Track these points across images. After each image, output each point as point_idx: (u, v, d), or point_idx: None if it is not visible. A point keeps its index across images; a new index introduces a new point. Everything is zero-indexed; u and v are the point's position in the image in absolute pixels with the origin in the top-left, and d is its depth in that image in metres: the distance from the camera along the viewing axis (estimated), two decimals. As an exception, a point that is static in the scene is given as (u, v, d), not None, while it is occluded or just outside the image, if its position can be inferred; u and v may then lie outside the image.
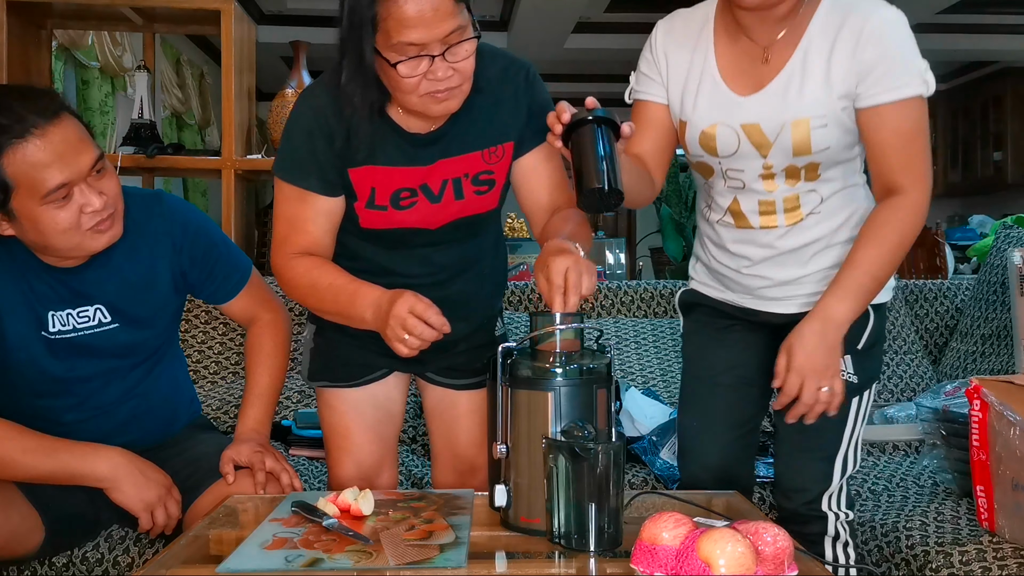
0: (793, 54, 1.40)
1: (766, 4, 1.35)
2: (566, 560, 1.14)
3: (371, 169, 1.44)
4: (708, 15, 1.50)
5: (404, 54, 1.29)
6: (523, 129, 1.48)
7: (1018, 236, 2.35)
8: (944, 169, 8.35)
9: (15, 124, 1.33)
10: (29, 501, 1.51)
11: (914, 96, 1.36)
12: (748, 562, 0.98)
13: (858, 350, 1.48)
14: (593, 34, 6.87)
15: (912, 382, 2.44)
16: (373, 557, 1.12)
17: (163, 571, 1.09)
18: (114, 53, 4.79)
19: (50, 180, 1.35)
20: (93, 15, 3.27)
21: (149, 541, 1.67)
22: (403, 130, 1.44)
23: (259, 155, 3.20)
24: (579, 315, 1.25)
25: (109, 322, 1.55)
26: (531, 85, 1.50)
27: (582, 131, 1.24)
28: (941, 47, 7.05)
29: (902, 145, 1.38)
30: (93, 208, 1.40)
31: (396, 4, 1.25)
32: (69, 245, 1.43)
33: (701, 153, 1.48)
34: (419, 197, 1.47)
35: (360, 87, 1.36)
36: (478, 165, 1.47)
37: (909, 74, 1.35)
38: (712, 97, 1.44)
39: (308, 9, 6.52)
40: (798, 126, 1.39)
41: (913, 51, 1.37)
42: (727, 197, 1.50)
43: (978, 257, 4.19)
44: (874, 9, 1.37)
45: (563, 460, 1.14)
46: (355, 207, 1.48)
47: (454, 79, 1.33)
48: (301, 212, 1.46)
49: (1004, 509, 1.41)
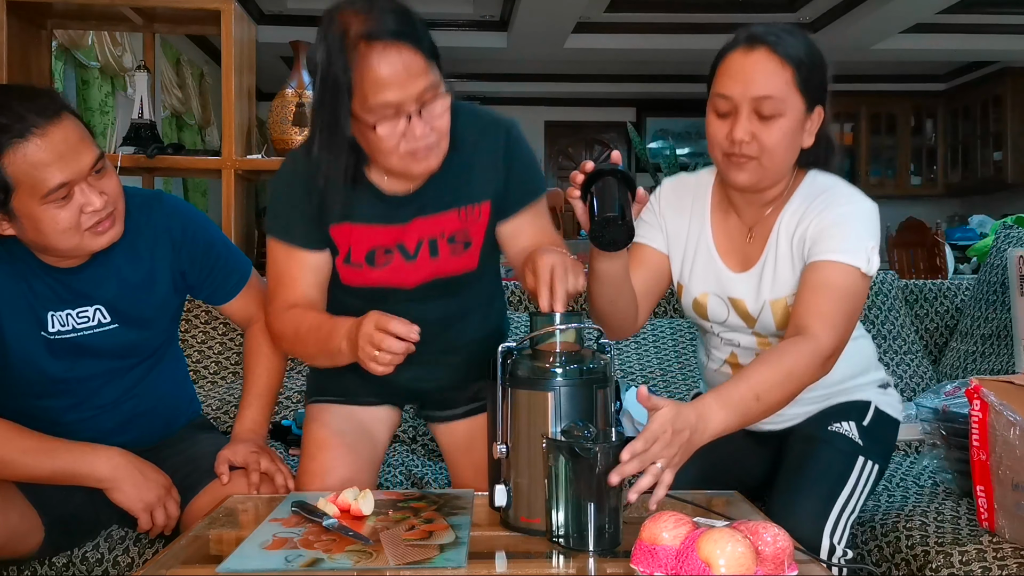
0: (770, 235, 1.49)
1: (756, 187, 1.45)
2: (566, 560, 1.14)
3: (348, 227, 1.48)
4: (707, 184, 1.58)
5: (381, 115, 1.32)
6: (504, 190, 1.49)
7: (1018, 236, 2.35)
8: (944, 169, 8.35)
9: (15, 123, 1.33)
10: (29, 501, 1.51)
11: (854, 265, 1.39)
12: (748, 562, 0.98)
13: (863, 425, 1.53)
14: (593, 34, 6.87)
15: (912, 382, 2.44)
16: (373, 557, 1.12)
17: (163, 571, 1.09)
18: (114, 53, 4.79)
19: (50, 180, 1.35)
20: (93, 15, 3.27)
21: (149, 541, 1.67)
22: (380, 191, 1.47)
23: (259, 155, 3.20)
24: (579, 315, 1.25)
25: (109, 322, 1.55)
26: (512, 145, 1.50)
27: (605, 180, 1.30)
28: (941, 47, 7.06)
29: (828, 297, 1.38)
30: (93, 208, 1.40)
31: (370, 67, 1.29)
32: (69, 245, 1.42)
33: (695, 316, 1.58)
34: (394, 255, 1.49)
35: (333, 155, 1.40)
36: (454, 224, 1.49)
37: (855, 250, 1.39)
38: (707, 267, 1.53)
39: (308, 9, 6.52)
40: (776, 304, 1.48)
41: (868, 234, 1.41)
42: (724, 351, 1.59)
43: (978, 257, 4.19)
44: (842, 200, 1.44)
45: (563, 460, 1.14)
46: (336, 263, 1.53)
47: (432, 137, 1.36)
48: (288, 268, 1.51)
49: (1004, 509, 1.41)
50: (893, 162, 8.38)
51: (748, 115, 1.39)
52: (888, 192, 8.36)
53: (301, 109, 3.17)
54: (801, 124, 1.43)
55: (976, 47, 7.09)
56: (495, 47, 7.07)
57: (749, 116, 1.39)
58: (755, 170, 1.42)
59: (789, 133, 1.40)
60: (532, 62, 7.52)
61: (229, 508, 1.39)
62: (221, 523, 1.33)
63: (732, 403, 1.28)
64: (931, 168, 8.44)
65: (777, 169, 1.44)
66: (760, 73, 1.38)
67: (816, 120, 1.46)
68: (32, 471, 1.44)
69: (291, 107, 3.18)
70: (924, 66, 7.89)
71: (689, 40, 6.95)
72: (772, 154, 1.40)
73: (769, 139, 1.39)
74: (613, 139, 9.00)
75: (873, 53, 7.09)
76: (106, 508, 1.54)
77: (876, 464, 1.54)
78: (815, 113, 1.45)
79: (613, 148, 1.38)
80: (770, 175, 1.44)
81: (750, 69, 1.39)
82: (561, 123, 8.91)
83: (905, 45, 6.96)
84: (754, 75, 1.38)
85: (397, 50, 1.30)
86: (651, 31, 6.89)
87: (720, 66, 1.43)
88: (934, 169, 8.44)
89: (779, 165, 1.44)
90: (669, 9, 6.63)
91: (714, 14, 6.69)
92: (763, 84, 1.38)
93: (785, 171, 1.48)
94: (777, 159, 1.42)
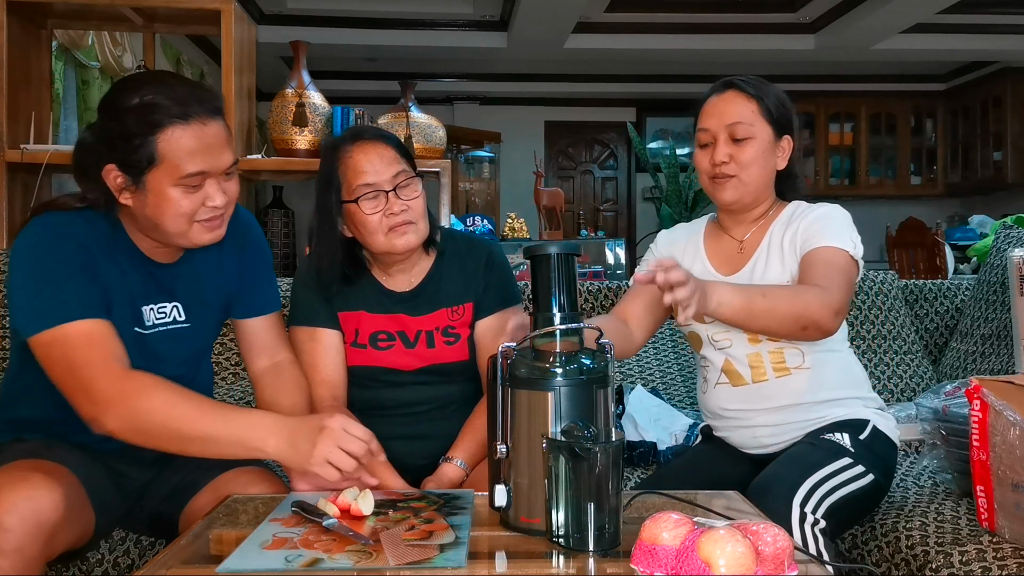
0: (759, 245, 1.72)
1: (741, 203, 1.70)
2: (566, 560, 1.14)
3: (356, 314, 1.76)
4: (701, 223, 1.87)
5: (362, 193, 1.64)
6: (483, 295, 1.78)
7: (1018, 236, 2.35)
8: (944, 169, 8.35)
9: (180, 107, 1.40)
10: (86, 494, 1.44)
11: (843, 248, 1.60)
12: (748, 562, 0.98)
13: (858, 439, 1.61)
14: (593, 34, 6.87)
15: (912, 382, 2.44)
16: (373, 557, 1.12)
17: (163, 571, 1.09)
18: (114, 53, 4.79)
19: (192, 165, 1.41)
20: (93, 15, 3.27)
21: (149, 542, 1.67)
22: (383, 287, 1.77)
23: (259, 155, 3.20)
24: (579, 315, 1.25)
25: (183, 321, 1.57)
26: (492, 260, 1.80)
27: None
28: (941, 47, 7.05)
29: (827, 268, 1.57)
30: (214, 204, 1.46)
31: (352, 157, 1.67)
32: (179, 230, 1.46)
33: (690, 323, 1.68)
34: (396, 341, 1.75)
35: (328, 246, 1.70)
36: (445, 320, 1.76)
37: (841, 238, 1.62)
38: (702, 275, 1.67)
39: (308, 9, 6.52)
40: None
41: (849, 227, 1.64)
42: (719, 358, 1.73)
43: (978, 257, 4.19)
44: (822, 205, 1.70)
45: (563, 460, 1.14)
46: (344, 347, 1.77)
47: (409, 214, 1.65)
48: (314, 352, 1.74)
49: (1004, 509, 1.41)
50: (893, 162, 8.38)
51: (725, 140, 1.68)
52: (888, 192, 8.37)
53: (301, 109, 3.17)
54: (772, 147, 1.70)
55: (976, 47, 7.09)
56: (495, 47, 7.06)
57: (726, 141, 1.68)
58: (736, 186, 1.68)
59: (761, 153, 1.68)
60: (532, 62, 7.51)
61: (229, 508, 1.39)
62: (221, 523, 1.33)
63: (739, 288, 1.48)
64: (931, 168, 8.44)
65: (756, 185, 1.69)
66: (731, 105, 1.69)
67: (786, 147, 1.72)
68: (208, 430, 1.36)
69: (291, 107, 3.18)
70: (924, 66, 7.88)
71: (689, 40, 6.95)
72: (748, 170, 1.67)
73: (744, 156, 1.67)
74: (613, 139, 9.00)
75: (873, 53, 7.09)
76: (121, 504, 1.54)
77: (869, 472, 1.56)
78: (783, 141, 1.72)
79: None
80: (750, 190, 1.69)
81: (723, 105, 1.70)
82: (561, 123, 8.90)
83: (905, 45, 6.95)
84: (726, 108, 1.69)
85: (372, 145, 1.67)
86: (651, 31, 6.89)
87: (701, 109, 1.73)
88: (934, 169, 8.43)
89: (756, 181, 1.69)
90: (669, 9, 6.63)
91: (714, 14, 6.69)
92: (734, 113, 1.68)
93: (763, 188, 1.71)
94: (754, 175, 1.68)
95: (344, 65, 7.40)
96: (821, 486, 1.50)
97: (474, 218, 4.64)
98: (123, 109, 1.40)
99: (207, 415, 1.36)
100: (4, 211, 2.93)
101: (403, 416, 1.76)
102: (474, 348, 1.77)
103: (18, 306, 1.42)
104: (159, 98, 1.40)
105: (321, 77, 3.84)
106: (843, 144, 8.31)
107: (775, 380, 1.67)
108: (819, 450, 1.58)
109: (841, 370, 1.70)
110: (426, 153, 3.31)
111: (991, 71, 7.68)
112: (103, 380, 1.35)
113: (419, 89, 3.75)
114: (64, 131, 4.50)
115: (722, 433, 1.80)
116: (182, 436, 1.35)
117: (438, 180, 3.27)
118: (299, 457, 1.34)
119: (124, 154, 1.40)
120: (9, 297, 1.43)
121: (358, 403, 1.75)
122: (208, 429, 1.35)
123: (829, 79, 7.98)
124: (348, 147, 1.68)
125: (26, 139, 3.03)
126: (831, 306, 1.50)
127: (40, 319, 1.38)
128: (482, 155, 6.88)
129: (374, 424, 1.66)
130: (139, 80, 1.46)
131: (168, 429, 1.35)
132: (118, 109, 1.41)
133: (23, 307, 1.41)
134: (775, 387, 1.67)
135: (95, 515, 1.46)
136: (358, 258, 1.75)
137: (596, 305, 2.57)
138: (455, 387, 1.78)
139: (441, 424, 1.75)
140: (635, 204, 8.92)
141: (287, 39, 3.78)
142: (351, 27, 6.72)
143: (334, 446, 1.31)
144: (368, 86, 7.75)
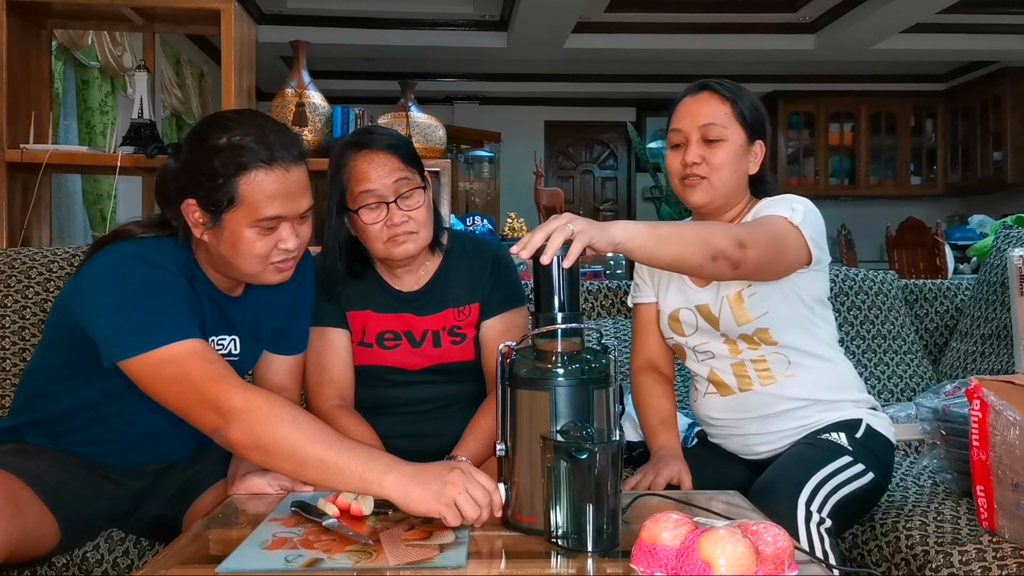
0: None
1: (711, 206, 1.68)
2: (565, 560, 1.14)
3: (363, 313, 1.77)
4: None
5: (363, 202, 1.64)
6: (488, 296, 1.79)
7: (1018, 236, 2.35)
8: (944, 169, 8.35)
9: (267, 151, 1.41)
10: (45, 504, 1.47)
11: (782, 215, 1.58)
12: (748, 562, 0.98)
13: (854, 437, 1.62)
14: (593, 34, 6.87)
15: (912, 382, 2.44)
16: (373, 557, 1.12)
17: (163, 571, 1.09)
18: (114, 53, 4.79)
19: (270, 209, 1.42)
20: (93, 15, 3.27)
21: (149, 543, 1.67)
22: (390, 287, 1.78)
23: (259, 155, 3.19)
24: (579, 315, 1.25)
25: (237, 354, 1.59)
26: (498, 263, 1.81)
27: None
28: (941, 47, 7.05)
29: (757, 222, 1.58)
30: (286, 247, 1.46)
31: (355, 164, 1.66)
32: (251, 271, 1.47)
33: (672, 335, 1.77)
34: (402, 340, 1.77)
35: (338, 246, 1.71)
36: (451, 320, 1.78)
37: (782, 207, 1.59)
38: (679, 289, 1.74)
39: (308, 9, 6.53)
40: (730, 297, 1.65)
41: (796, 201, 1.62)
42: (704, 368, 1.74)
43: (978, 257, 4.19)
44: (781, 194, 1.69)
45: (562, 460, 1.14)
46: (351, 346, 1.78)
47: (409, 224, 1.65)
48: (324, 351, 1.75)
49: (1004, 509, 1.41)
50: (893, 162, 8.38)
51: (697, 141, 1.66)
52: (888, 192, 8.37)
53: (301, 109, 3.17)
54: (744, 151, 1.68)
55: (976, 47, 7.09)
56: (495, 47, 7.06)
57: (698, 142, 1.66)
58: (707, 189, 1.66)
59: (733, 156, 1.66)
60: (532, 62, 7.51)
61: (229, 508, 1.39)
62: (221, 523, 1.33)
63: (644, 226, 1.36)
64: (931, 168, 8.44)
65: (726, 188, 1.67)
66: (705, 106, 1.67)
67: (759, 152, 1.70)
68: (328, 457, 1.30)
69: (291, 107, 3.18)
70: (924, 66, 7.88)
71: (689, 40, 6.96)
72: (720, 173, 1.65)
73: (715, 159, 1.64)
74: (613, 139, 9.00)
75: (873, 53, 7.09)
76: (108, 510, 1.54)
77: (869, 471, 1.57)
78: (756, 146, 1.70)
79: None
80: (721, 194, 1.67)
81: (696, 106, 1.67)
82: (561, 123, 8.91)
83: (905, 45, 6.95)
84: (700, 109, 1.67)
85: (376, 154, 1.65)
86: (651, 31, 6.89)
87: (674, 110, 1.71)
88: (934, 169, 8.43)
89: (727, 184, 1.66)
90: (669, 9, 6.63)
91: (714, 14, 6.69)
92: (707, 114, 1.66)
93: (734, 192, 1.69)
94: (725, 178, 1.66)
95: (344, 65, 7.41)
96: (825, 484, 1.50)
97: (474, 218, 4.64)
98: (211, 147, 1.41)
99: (329, 442, 1.31)
100: (4, 211, 2.93)
101: (408, 415, 1.78)
102: (479, 348, 1.79)
103: (111, 328, 1.38)
104: (247, 139, 1.41)
105: (321, 77, 3.84)
106: (843, 144, 8.31)
107: (761, 388, 1.68)
108: (819, 449, 1.58)
109: (829, 374, 1.70)
110: (426, 153, 3.31)
111: (991, 71, 7.68)
112: (230, 392, 1.32)
113: (419, 89, 3.74)
114: (64, 131, 4.50)
115: (716, 440, 1.81)
116: (301, 459, 1.30)
117: (438, 180, 3.27)
118: (427, 494, 1.23)
119: (207, 192, 1.41)
120: (92, 320, 1.40)
121: (364, 401, 1.76)
122: (329, 456, 1.29)
123: (829, 79, 7.98)
124: (354, 154, 1.67)
125: (26, 139, 3.03)
126: (736, 237, 1.45)
127: (144, 339, 1.35)
128: (482, 155, 6.88)
129: (379, 422, 1.69)
130: (229, 119, 1.46)
131: (290, 449, 1.30)
132: (206, 146, 1.42)
133: (118, 329, 1.37)
134: (763, 395, 1.68)
135: (59, 525, 1.47)
136: (364, 256, 1.76)
137: (596, 305, 2.57)
138: (460, 386, 1.80)
139: (445, 423, 1.76)
140: (635, 204, 8.92)
141: (287, 39, 3.78)
142: (351, 27, 6.72)
143: (463, 489, 1.23)
144: (368, 86, 7.76)
